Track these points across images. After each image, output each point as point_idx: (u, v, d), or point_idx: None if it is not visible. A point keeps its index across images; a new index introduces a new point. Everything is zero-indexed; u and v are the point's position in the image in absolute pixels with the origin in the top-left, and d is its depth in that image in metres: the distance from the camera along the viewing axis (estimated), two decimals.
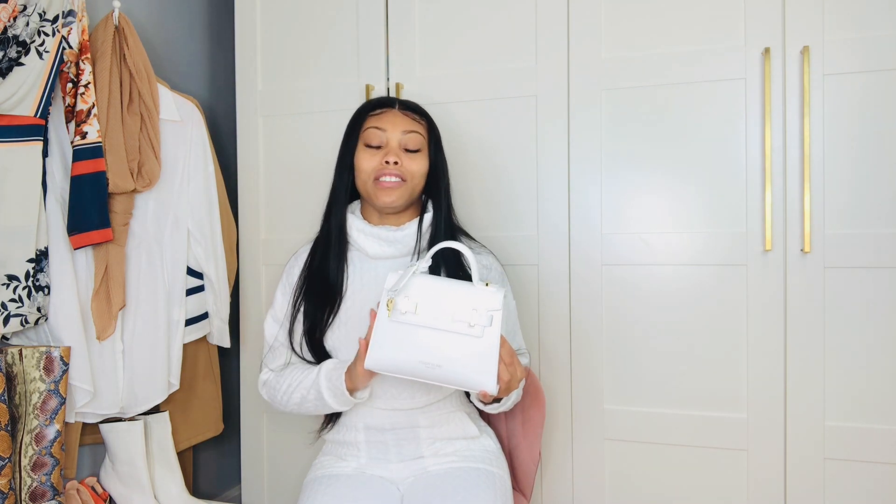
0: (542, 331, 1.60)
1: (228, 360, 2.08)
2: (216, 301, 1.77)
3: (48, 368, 1.38)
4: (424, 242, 1.28)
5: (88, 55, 1.45)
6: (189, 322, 1.72)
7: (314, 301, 1.28)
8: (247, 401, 1.87)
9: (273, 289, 1.81)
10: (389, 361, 1.07)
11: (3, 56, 1.33)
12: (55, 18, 1.40)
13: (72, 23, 1.43)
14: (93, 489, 1.55)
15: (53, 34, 1.40)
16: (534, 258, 1.60)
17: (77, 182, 1.42)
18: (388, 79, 1.71)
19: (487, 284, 1.09)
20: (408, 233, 1.28)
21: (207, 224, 1.74)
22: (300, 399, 1.26)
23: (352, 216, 1.31)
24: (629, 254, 1.53)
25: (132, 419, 1.62)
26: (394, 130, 1.27)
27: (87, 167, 1.43)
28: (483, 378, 1.05)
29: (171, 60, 1.93)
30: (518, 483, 1.40)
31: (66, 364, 1.40)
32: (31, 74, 1.36)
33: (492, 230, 1.63)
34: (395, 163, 1.24)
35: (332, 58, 1.76)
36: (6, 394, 1.30)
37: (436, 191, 1.31)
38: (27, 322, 1.37)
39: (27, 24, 1.36)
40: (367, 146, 1.27)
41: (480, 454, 1.27)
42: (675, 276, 1.51)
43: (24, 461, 1.36)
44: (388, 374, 1.11)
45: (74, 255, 1.47)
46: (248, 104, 1.84)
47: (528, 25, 1.60)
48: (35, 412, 1.37)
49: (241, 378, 1.88)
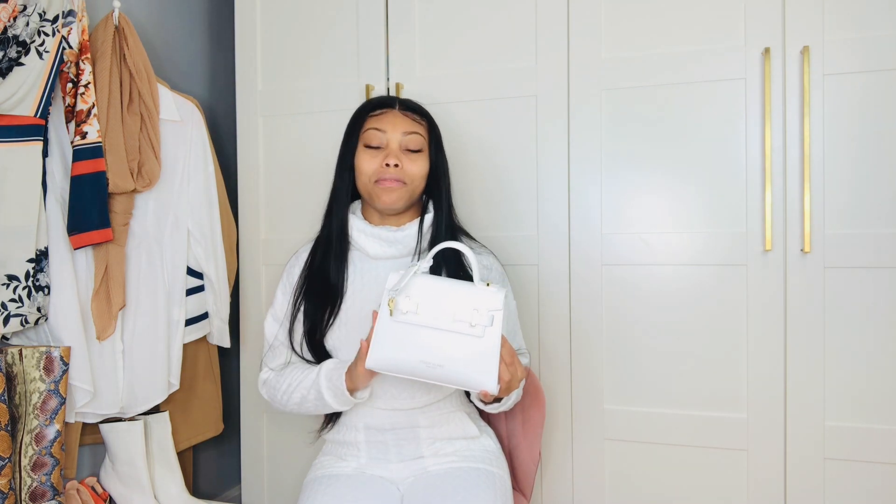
0: (542, 331, 1.60)
1: (228, 360, 2.08)
2: (216, 301, 1.77)
3: (48, 368, 1.38)
4: (425, 243, 1.28)
5: (88, 55, 1.45)
6: (189, 322, 1.72)
7: (314, 301, 1.28)
8: (247, 401, 1.87)
9: (273, 289, 1.81)
10: (390, 361, 1.07)
11: (3, 56, 1.33)
12: (55, 18, 1.40)
13: (72, 23, 1.43)
14: (93, 489, 1.55)
15: (53, 34, 1.39)
16: (534, 258, 1.60)
17: (77, 182, 1.42)
18: (388, 79, 1.71)
19: (489, 284, 1.09)
20: (408, 233, 1.28)
21: (207, 224, 1.74)
22: (300, 399, 1.26)
23: (353, 216, 1.31)
24: (629, 254, 1.53)
25: (132, 419, 1.62)
26: (394, 132, 1.26)
27: (87, 167, 1.43)
28: (484, 378, 1.05)
29: (171, 60, 1.93)
30: (518, 483, 1.40)
31: (66, 364, 1.40)
32: (31, 74, 1.36)
33: (492, 230, 1.63)
34: (396, 165, 1.24)
35: (332, 58, 1.76)
36: (6, 394, 1.30)
37: (436, 191, 1.31)
38: (27, 322, 1.37)
39: (27, 24, 1.36)
40: (368, 147, 1.27)
41: (480, 454, 1.27)
42: (675, 276, 1.51)
43: (24, 461, 1.36)
44: (390, 374, 1.11)
45: (74, 255, 1.47)
46: (248, 104, 1.84)
47: (528, 25, 1.60)
48: (35, 412, 1.37)
49: (241, 378, 1.88)
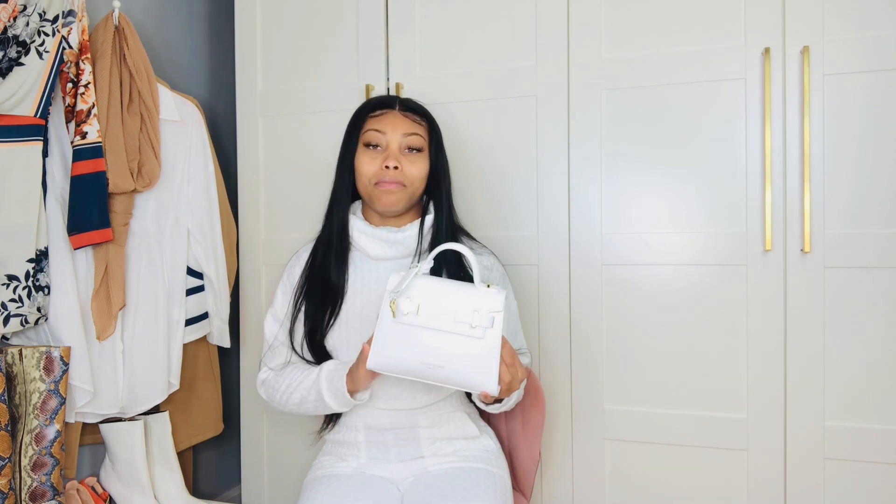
0: (542, 331, 1.60)
1: (228, 360, 2.08)
2: (216, 301, 1.77)
3: (48, 368, 1.38)
4: (426, 244, 1.28)
5: (88, 55, 1.45)
6: (189, 322, 1.72)
7: (315, 302, 1.28)
8: (247, 401, 1.87)
9: (273, 289, 1.81)
10: (391, 362, 1.08)
11: (3, 56, 1.33)
12: (55, 18, 1.40)
13: (72, 23, 1.43)
14: (93, 489, 1.55)
15: (53, 34, 1.40)
16: (534, 258, 1.60)
17: (77, 182, 1.42)
18: (388, 79, 1.71)
19: (489, 286, 1.09)
20: (409, 234, 1.28)
21: (207, 224, 1.74)
22: (300, 399, 1.26)
23: (353, 217, 1.31)
24: (629, 254, 1.53)
25: (132, 419, 1.62)
26: (394, 133, 1.26)
27: (87, 167, 1.43)
28: (484, 379, 1.05)
29: (171, 60, 1.93)
30: (518, 483, 1.40)
31: (66, 364, 1.40)
32: (31, 74, 1.36)
33: (492, 230, 1.63)
34: (395, 167, 1.23)
35: (332, 58, 1.76)
36: (6, 394, 1.30)
37: (437, 191, 1.31)
38: (27, 322, 1.37)
39: (27, 24, 1.36)
40: (367, 148, 1.27)
41: (480, 454, 1.27)
42: (675, 276, 1.51)
43: (24, 461, 1.36)
44: (391, 375, 1.11)
45: (74, 255, 1.47)
46: (248, 104, 1.84)
47: (528, 25, 1.60)
48: (35, 412, 1.37)
49: (241, 378, 1.88)
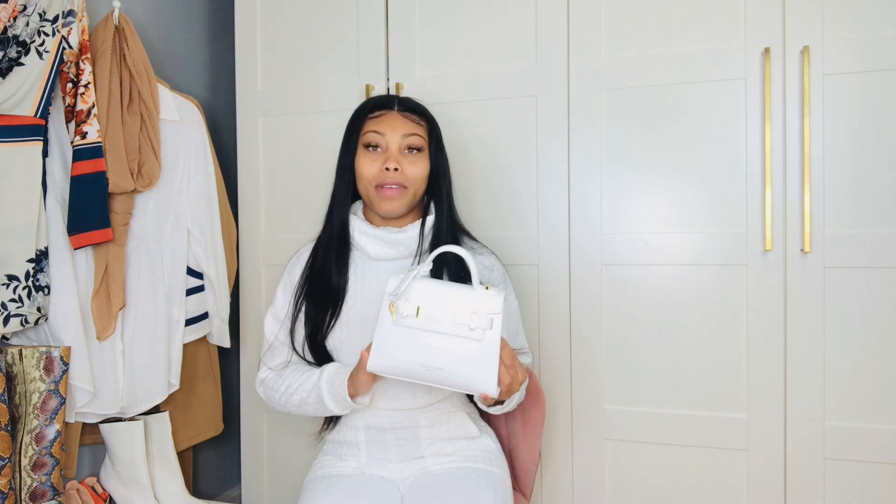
0: (542, 331, 1.60)
1: (228, 360, 2.08)
2: (216, 301, 1.77)
3: (48, 368, 1.38)
4: (427, 244, 1.28)
5: (88, 55, 1.45)
6: (189, 322, 1.72)
7: (315, 303, 1.28)
8: (247, 401, 1.87)
9: (273, 288, 1.81)
10: (391, 364, 1.08)
11: (3, 56, 1.33)
12: (55, 18, 1.40)
13: (72, 23, 1.43)
14: (93, 489, 1.55)
15: (53, 34, 1.40)
16: (534, 258, 1.60)
17: (77, 182, 1.42)
18: (388, 79, 1.71)
19: (488, 287, 1.09)
20: (410, 235, 1.28)
21: (207, 224, 1.74)
22: (299, 401, 1.26)
23: (354, 217, 1.31)
24: (629, 254, 1.53)
25: (132, 419, 1.62)
26: (393, 134, 1.26)
27: (87, 167, 1.43)
28: (484, 380, 1.05)
29: (171, 60, 1.93)
30: (518, 483, 1.40)
31: (66, 364, 1.40)
32: (31, 74, 1.36)
33: (492, 230, 1.63)
34: (396, 169, 1.23)
35: (332, 58, 1.76)
36: (6, 394, 1.30)
37: (437, 191, 1.31)
38: (27, 322, 1.37)
39: (27, 24, 1.36)
40: (367, 150, 1.27)
41: (481, 454, 1.27)
42: (675, 276, 1.51)
43: (24, 461, 1.36)
44: (390, 377, 1.11)
45: (74, 255, 1.47)
46: (248, 104, 1.84)
47: (528, 25, 1.60)
48: (35, 412, 1.37)
49: (241, 378, 1.88)
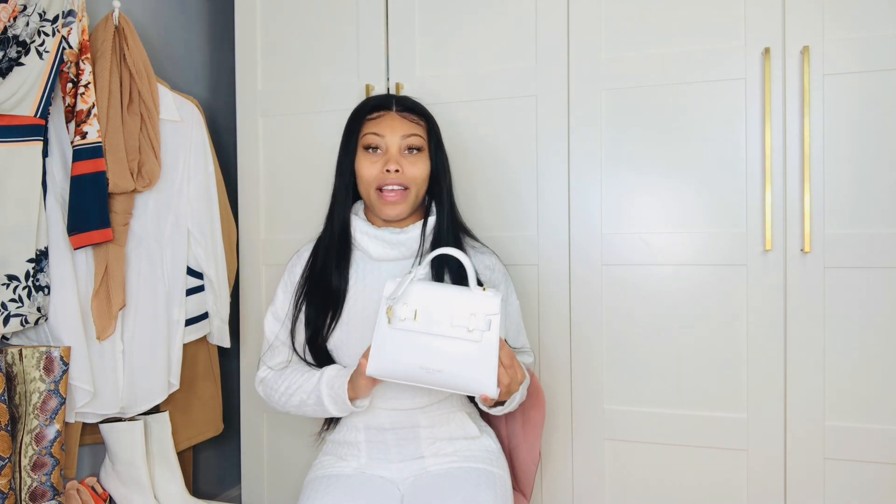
0: (542, 331, 1.60)
1: (228, 360, 2.08)
2: (216, 301, 1.77)
3: (48, 368, 1.38)
4: (428, 245, 1.28)
5: (88, 55, 1.45)
6: (189, 322, 1.72)
7: (316, 305, 1.28)
8: (247, 401, 1.87)
9: (273, 288, 1.81)
10: (390, 368, 1.08)
11: (3, 56, 1.33)
12: (55, 18, 1.40)
13: (72, 23, 1.43)
14: (93, 489, 1.55)
15: (53, 34, 1.39)
16: (534, 258, 1.60)
17: (77, 182, 1.42)
18: (388, 79, 1.71)
19: (485, 288, 1.09)
20: (411, 235, 1.28)
21: (207, 224, 1.74)
22: (299, 402, 1.26)
23: (355, 217, 1.31)
24: (629, 254, 1.53)
25: (132, 419, 1.62)
26: (392, 135, 1.26)
27: (87, 167, 1.43)
28: (483, 382, 1.05)
29: (171, 60, 1.93)
30: (518, 483, 1.40)
31: (66, 364, 1.40)
32: (31, 74, 1.36)
33: (492, 230, 1.63)
34: (396, 171, 1.23)
35: (332, 58, 1.76)
36: (6, 394, 1.30)
37: (438, 190, 1.31)
38: (27, 322, 1.37)
39: (27, 24, 1.36)
40: (367, 152, 1.27)
41: (481, 454, 1.27)
42: (675, 276, 1.51)
43: (24, 461, 1.36)
44: (390, 381, 1.11)
45: (74, 255, 1.47)
46: (248, 104, 1.84)
47: (528, 25, 1.60)
48: (35, 412, 1.37)
49: (241, 378, 1.88)
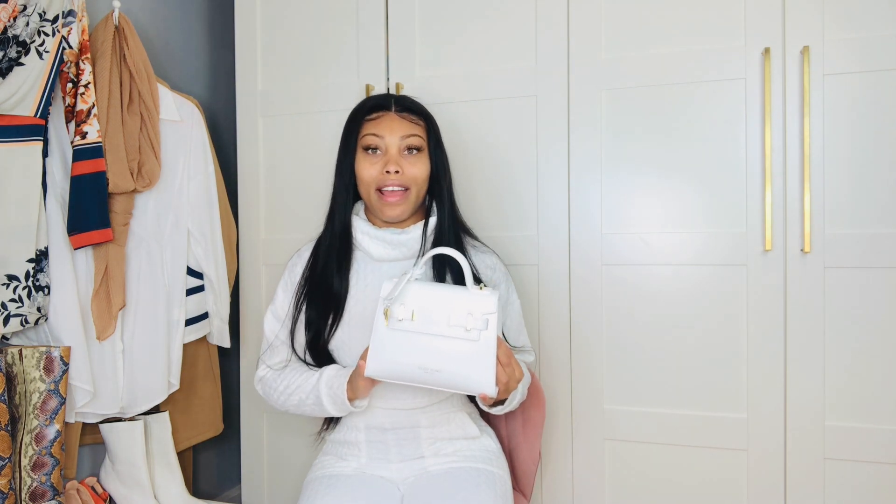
0: (542, 331, 1.60)
1: (228, 360, 2.08)
2: (216, 301, 1.77)
3: (48, 368, 1.38)
4: (429, 245, 1.28)
5: (88, 55, 1.45)
6: (189, 322, 1.72)
7: (317, 307, 1.28)
8: (247, 401, 1.87)
9: (273, 288, 1.81)
10: (389, 368, 1.08)
11: (3, 56, 1.33)
12: (55, 18, 1.40)
13: (72, 23, 1.43)
14: (93, 489, 1.55)
15: (53, 34, 1.40)
16: (534, 258, 1.60)
17: (77, 182, 1.42)
18: (388, 79, 1.71)
19: (482, 287, 1.09)
20: (413, 236, 1.28)
21: (207, 224, 1.74)
22: (298, 402, 1.26)
23: (356, 218, 1.30)
24: (629, 254, 1.53)
25: (132, 419, 1.62)
26: (392, 136, 1.25)
27: (87, 167, 1.43)
28: (482, 380, 1.06)
29: (171, 60, 1.93)
30: (518, 483, 1.40)
31: (66, 364, 1.40)
32: (31, 74, 1.36)
33: (492, 230, 1.63)
34: (396, 171, 1.23)
35: (332, 58, 1.76)
36: (6, 394, 1.30)
37: (438, 190, 1.31)
38: (27, 322, 1.37)
39: (27, 24, 1.36)
40: (367, 153, 1.27)
41: (481, 454, 1.27)
42: (675, 276, 1.51)
43: (24, 461, 1.36)
44: (389, 381, 1.11)
45: (74, 255, 1.47)
46: (248, 104, 1.84)
47: (528, 25, 1.60)
48: (35, 412, 1.37)
49: (241, 378, 1.88)
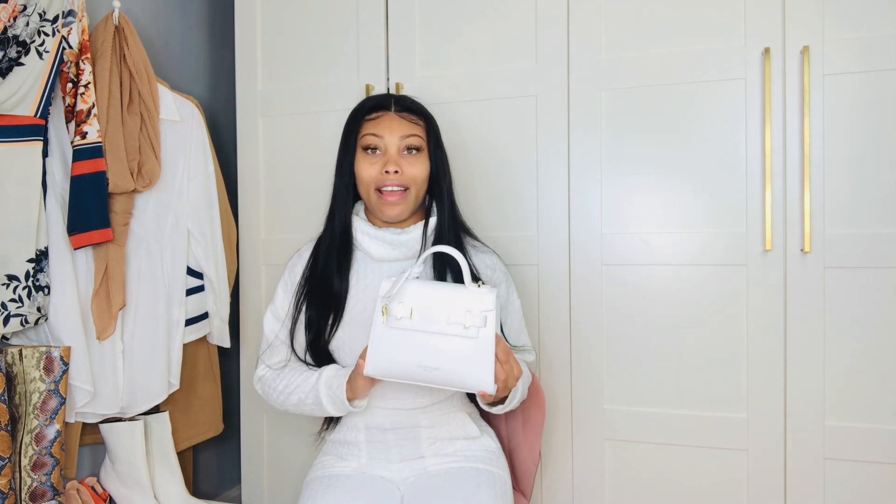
0: (542, 331, 1.60)
1: (228, 360, 2.08)
2: (216, 301, 1.77)
3: (48, 368, 1.38)
4: (429, 245, 1.28)
5: (88, 55, 1.45)
6: (189, 322, 1.72)
7: (317, 307, 1.28)
8: (247, 401, 1.87)
9: (273, 288, 1.81)
10: (388, 367, 1.08)
11: (3, 56, 1.33)
12: (55, 18, 1.40)
13: (72, 23, 1.43)
14: (93, 489, 1.55)
15: (53, 34, 1.40)
16: (534, 258, 1.60)
17: (77, 182, 1.42)
18: (388, 79, 1.71)
19: (480, 285, 1.09)
20: (413, 236, 1.28)
21: (207, 224, 1.74)
22: (297, 401, 1.26)
23: (356, 218, 1.30)
24: (629, 254, 1.53)
25: (132, 419, 1.62)
26: (391, 136, 1.25)
27: (87, 167, 1.43)
28: (481, 378, 1.06)
29: (171, 60, 1.93)
30: (518, 483, 1.40)
31: (66, 364, 1.40)
32: (31, 74, 1.36)
33: (492, 230, 1.63)
34: (396, 171, 1.23)
35: (332, 58, 1.76)
36: (6, 394, 1.30)
37: (438, 190, 1.31)
38: (27, 322, 1.37)
39: (27, 24, 1.36)
40: (366, 153, 1.27)
41: (481, 454, 1.27)
42: (675, 276, 1.51)
43: (24, 461, 1.36)
44: (388, 380, 1.11)
45: (74, 255, 1.47)
46: (248, 104, 1.84)
47: (528, 25, 1.60)
48: (35, 412, 1.37)
49: (241, 378, 1.88)
